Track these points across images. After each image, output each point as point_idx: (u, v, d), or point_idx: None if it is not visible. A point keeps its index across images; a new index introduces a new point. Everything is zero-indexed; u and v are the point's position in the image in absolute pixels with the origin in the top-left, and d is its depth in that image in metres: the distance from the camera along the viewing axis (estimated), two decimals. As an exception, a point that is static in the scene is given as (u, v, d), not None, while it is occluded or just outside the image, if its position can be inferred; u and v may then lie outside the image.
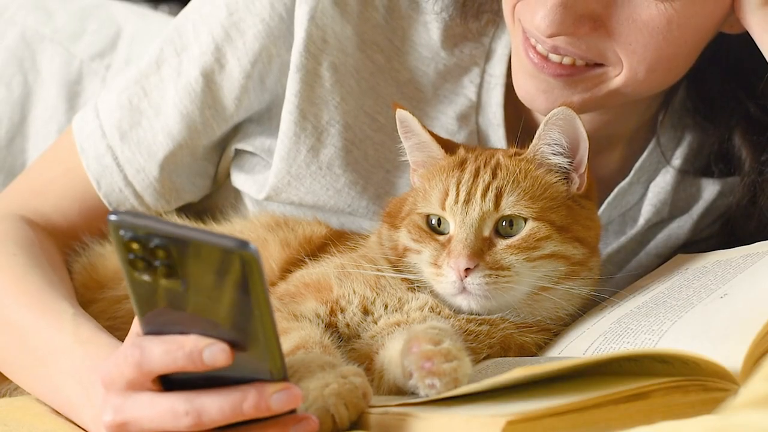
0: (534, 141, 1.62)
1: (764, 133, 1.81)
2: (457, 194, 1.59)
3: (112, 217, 1.20)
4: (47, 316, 1.59)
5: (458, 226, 1.57)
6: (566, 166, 1.62)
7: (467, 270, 1.53)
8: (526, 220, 1.58)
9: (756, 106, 1.81)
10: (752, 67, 1.75)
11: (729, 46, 1.77)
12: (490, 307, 1.56)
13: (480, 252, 1.55)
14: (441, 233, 1.60)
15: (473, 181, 1.60)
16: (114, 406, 1.29)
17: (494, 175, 1.60)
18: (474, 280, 1.54)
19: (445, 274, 1.55)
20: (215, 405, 1.24)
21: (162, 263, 1.20)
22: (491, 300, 1.55)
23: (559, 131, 1.60)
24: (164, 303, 1.23)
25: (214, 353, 1.22)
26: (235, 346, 1.23)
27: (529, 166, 1.62)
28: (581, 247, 1.60)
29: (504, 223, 1.58)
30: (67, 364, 1.52)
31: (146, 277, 1.21)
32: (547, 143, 1.61)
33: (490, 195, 1.58)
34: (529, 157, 1.63)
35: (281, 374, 1.24)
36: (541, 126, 1.60)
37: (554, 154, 1.62)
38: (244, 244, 1.17)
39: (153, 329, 1.26)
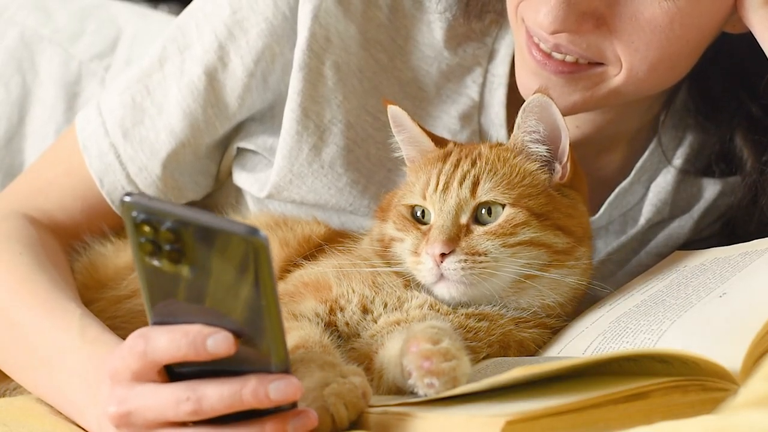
0: (514, 130, 1.63)
1: (766, 134, 1.81)
2: (437, 183, 1.61)
3: (126, 198, 1.21)
4: (54, 316, 1.59)
5: (437, 214, 1.59)
6: (546, 155, 1.63)
7: (443, 255, 1.54)
8: (503, 206, 1.58)
9: (758, 107, 1.81)
10: (754, 67, 1.75)
11: (731, 46, 1.77)
12: (472, 294, 1.56)
13: (456, 238, 1.56)
14: (424, 224, 1.62)
15: (453, 170, 1.62)
16: (118, 398, 1.30)
17: (473, 164, 1.61)
18: (450, 266, 1.54)
19: (423, 262, 1.56)
20: (215, 392, 1.25)
21: (172, 247, 1.21)
22: (471, 287, 1.56)
23: (536, 119, 1.61)
24: (173, 292, 1.24)
25: (217, 341, 1.23)
26: (240, 337, 1.23)
27: (508, 154, 1.63)
28: (563, 236, 1.60)
29: (483, 211, 1.59)
30: (74, 364, 1.52)
31: (156, 263, 1.22)
32: (525, 132, 1.62)
33: (467, 182, 1.59)
34: (510, 146, 1.64)
35: (284, 366, 1.25)
36: (519, 115, 1.61)
37: (533, 142, 1.62)
38: (254, 230, 1.18)
39: (161, 320, 1.27)
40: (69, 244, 1.84)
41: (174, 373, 1.29)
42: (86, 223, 1.85)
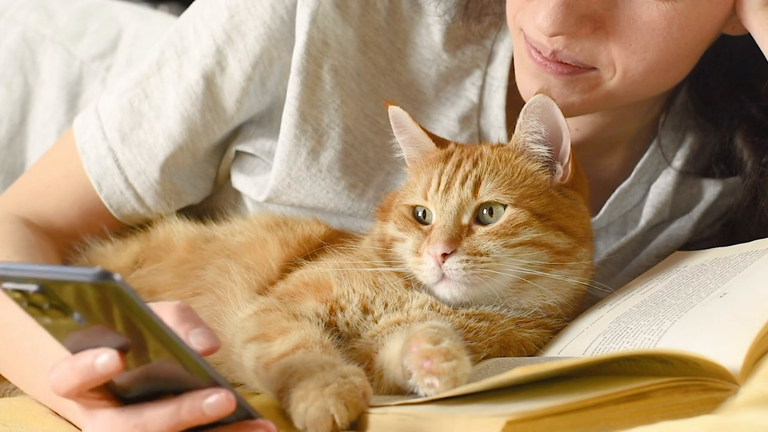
0: (515, 131, 1.63)
1: (766, 135, 1.81)
2: (438, 183, 1.61)
3: None
4: None
5: (438, 215, 1.59)
6: (547, 155, 1.63)
7: (444, 255, 1.54)
8: (505, 207, 1.58)
9: (758, 108, 1.82)
10: (754, 69, 1.75)
11: (731, 47, 1.77)
12: (474, 295, 1.57)
13: (458, 238, 1.56)
14: (426, 224, 1.61)
15: (455, 170, 1.62)
16: (86, 428, 1.33)
17: (475, 165, 1.62)
18: (451, 266, 1.54)
19: (425, 262, 1.57)
20: (158, 416, 1.26)
21: (50, 305, 1.20)
22: (473, 287, 1.56)
23: (538, 120, 1.61)
24: (74, 331, 1.24)
25: (104, 362, 1.23)
26: (157, 362, 1.23)
27: (509, 155, 1.63)
28: (565, 236, 1.60)
29: (484, 211, 1.59)
30: None
31: (47, 320, 1.22)
32: (527, 132, 1.62)
33: (469, 183, 1.59)
34: (511, 147, 1.64)
35: (210, 381, 1.25)
36: (521, 115, 1.62)
37: (535, 143, 1.63)
38: (105, 274, 1.16)
39: (76, 349, 1.27)
40: (67, 246, 1.84)
41: (127, 399, 1.29)
42: (84, 225, 1.85)
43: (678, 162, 1.90)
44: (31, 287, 1.19)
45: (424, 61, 1.86)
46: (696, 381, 1.32)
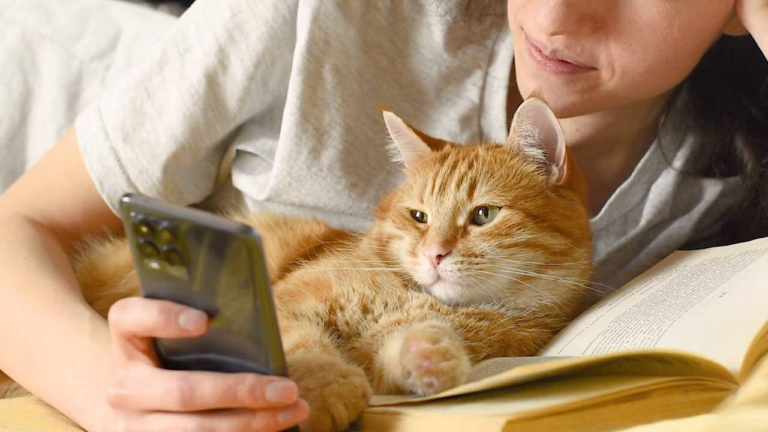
0: (510, 134, 1.64)
1: (766, 136, 1.81)
2: (433, 185, 1.61)
3: (125, 199, 1.21)
4: (63, 318, 1.59)
5: (434, 216, 1.60)
6: (542, 157, 1.63)
7: (439, 257, 1.55)
8: (500, 208, 1.58)
9: (759, 109, 1.81)
10: (755, 70, 1.75)
11: (732, 48, 1.77)
12: (470, 296, 1.57)
13: (453, 239, 1.56)
14: (423, 222, 1.62)
15: (450, 172, 1.62)
16: (116, 379, 1.30)
17: (470, 166, 1.62)
18: (446, 267, 1.55)
19: (420, 263, 1.57)
20: (209, 386, 1.24)
21: (169, 248, 1.21)
22: (468, 288, 1.56)
23: (531, 123, 1.61)
24: (170, 284, 1.24)
25: (189, 318, 1.23)
26: (233, 332, 1.24)
27: (505, 156, 1.63)
28: (561, 237, 1.60)
29: (480, 213, 1.59)
30: (83, 363, 1.52)
31: (154, 265, 1.23)
32: (520, 135, 1.62)
33: (465, 185, 1.59)
34: (506, 149, 1.64)
35: (281, 369, 1.25)
36: (514, 119, 1.62)
37: (529, 146, 1.63)
38: (246, 228, 1.18)
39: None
40: (69, 245, 1.84)
41: (169, 362, 1.29)
42: (86, 225, 1.85)
43: (678, 162, 1.89)
44: (163, 224, 1.20)
45: (425, 61, 1.86)
46: (696, 380, 1.32)
